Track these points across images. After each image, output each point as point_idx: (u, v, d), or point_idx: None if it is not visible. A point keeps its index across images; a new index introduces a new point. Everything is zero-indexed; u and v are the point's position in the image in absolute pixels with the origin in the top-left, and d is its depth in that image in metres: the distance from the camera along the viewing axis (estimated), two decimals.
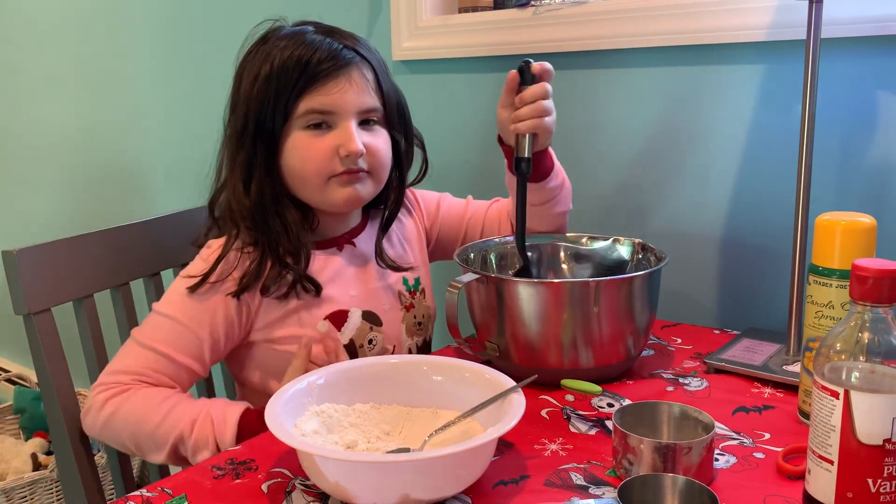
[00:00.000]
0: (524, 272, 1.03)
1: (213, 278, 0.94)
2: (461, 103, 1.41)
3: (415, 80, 1.47)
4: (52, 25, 2.25)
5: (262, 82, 0.93)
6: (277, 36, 0.96)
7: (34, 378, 0.96)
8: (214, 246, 0.98)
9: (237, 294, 0.94)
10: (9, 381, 2.63)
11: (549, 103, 0.97)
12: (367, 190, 0.99)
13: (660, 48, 1.17)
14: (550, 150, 1.05)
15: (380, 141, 0.99)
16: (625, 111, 1.24)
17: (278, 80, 0.93)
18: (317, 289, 0.98)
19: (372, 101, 0.97)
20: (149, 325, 0.96)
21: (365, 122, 0.98)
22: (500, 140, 1.06)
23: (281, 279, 0.96)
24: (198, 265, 0.96)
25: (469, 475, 0.70)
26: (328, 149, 0.95)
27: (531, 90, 0.97)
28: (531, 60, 0.98)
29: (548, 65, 0.98)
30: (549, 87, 0.98)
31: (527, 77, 0.97)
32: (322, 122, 0.95)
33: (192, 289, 0.94)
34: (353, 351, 1.00)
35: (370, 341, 1.02)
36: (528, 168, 0.98)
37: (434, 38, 1.42)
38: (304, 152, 0.95)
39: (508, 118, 0.99)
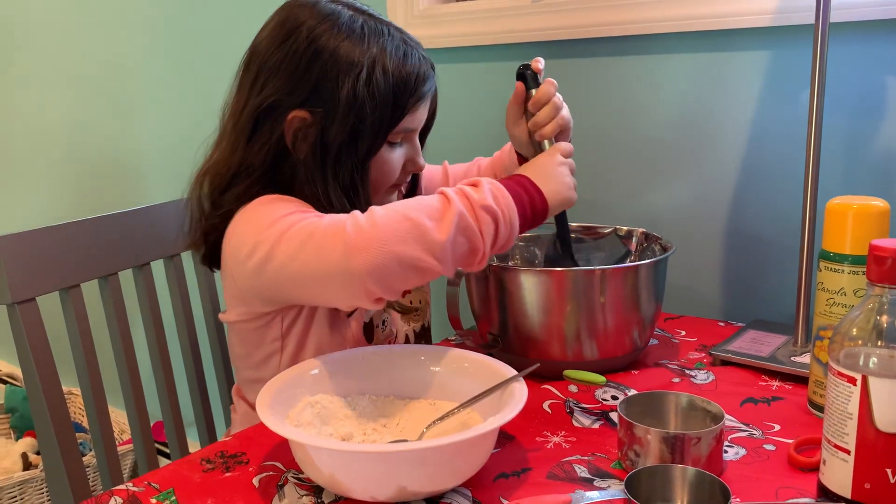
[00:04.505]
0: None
1: None
2: (461, 94, 1.38)
3: None
4: (41, 19, 2.22)
5: (381, 89, 0.87)
6: (375, 34, 0.90)
7: None
8: None
9: None
10: None
11: (560, 97, 0.94)
12: None
13: (663, 35, 1.15)
14: None
15: None
16: (626, 100, 1.21)
17: (395, 92, 0.88)
18: None
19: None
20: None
21: None
22: (519, 156, 1.01)
23: None
24: None
25: (468, 467, 0.68)
26: (400, 162, 0.94)
27: (543, 90, 0.92)
28: (528, 63, 0.93)
29: (541, 60, 0.94)
30: (554, 81, 0.93)
31: (530, 81, 0.93)
32: (404, 139, 0.94)
33: None
34: (370, 331, 0.98)
35: (384, 322, 1.00)
36: None
37: (432, 28, 1.39)
38: (385, 166, 0.92)
39: (524, 131, 0.95)
